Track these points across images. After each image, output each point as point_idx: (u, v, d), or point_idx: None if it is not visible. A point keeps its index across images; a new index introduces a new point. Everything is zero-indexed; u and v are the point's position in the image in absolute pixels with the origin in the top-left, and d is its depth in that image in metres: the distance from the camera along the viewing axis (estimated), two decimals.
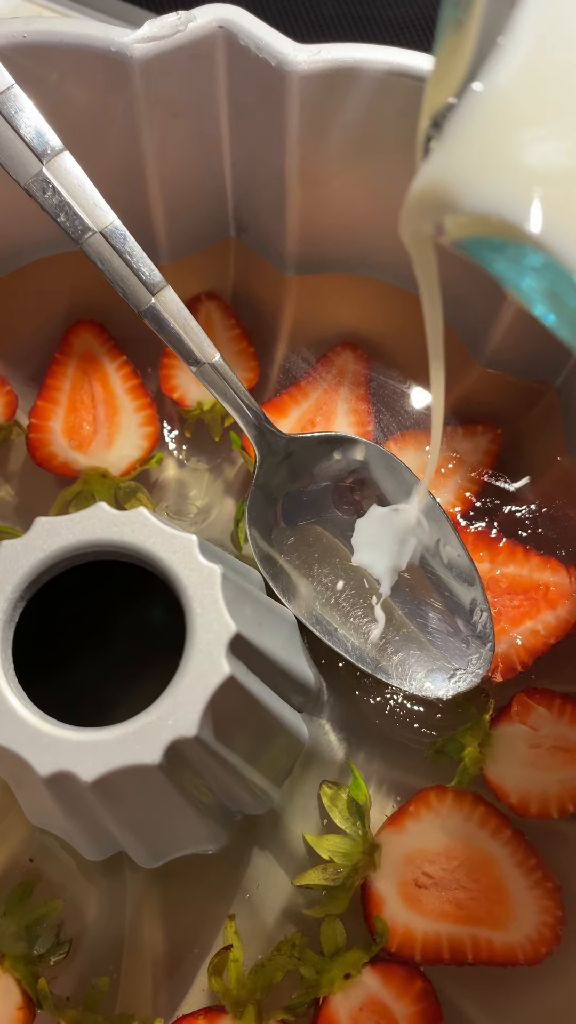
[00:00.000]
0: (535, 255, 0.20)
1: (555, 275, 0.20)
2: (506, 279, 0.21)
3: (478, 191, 0.21)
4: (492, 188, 0.20)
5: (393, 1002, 0.34)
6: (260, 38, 0.35)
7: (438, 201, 0.21)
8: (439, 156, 0.22)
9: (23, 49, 0.36)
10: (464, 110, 0.22)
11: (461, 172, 0.21)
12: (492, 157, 0.21)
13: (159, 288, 0.35)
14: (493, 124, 0.21)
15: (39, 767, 0.24)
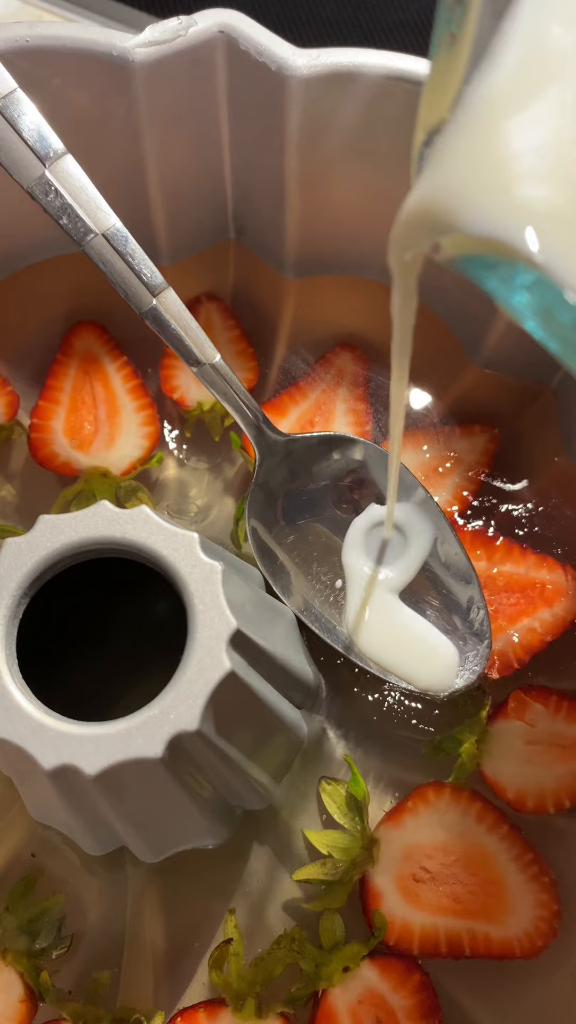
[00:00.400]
0: (527, 273, 0.20)
1: (547, 293, 0.20)
2: (498, 296, 0.21)
3: (477, 212, 0.21)
4: (491, 209, 0.20)
5: (391, 994, 0.34)
6: (260, 42, 0.36)
7: (436, 221, 0.21)
8: (434, 174, 0.22)
9: (26, 53, 0.36)
10: (457, 126, 0.22)
11: (459, 192, 0.21)
12: (488, 177, 0.21)
13: (160, 289, 0.35)
14: (487, 142, 0.21)
15: (43, 761, 0.25)
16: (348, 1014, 0.34)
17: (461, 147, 0.22)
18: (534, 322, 0.21)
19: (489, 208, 0.20)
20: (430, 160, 0.23)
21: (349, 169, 0.39)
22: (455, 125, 0.22)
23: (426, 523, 0.38)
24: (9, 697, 0.26)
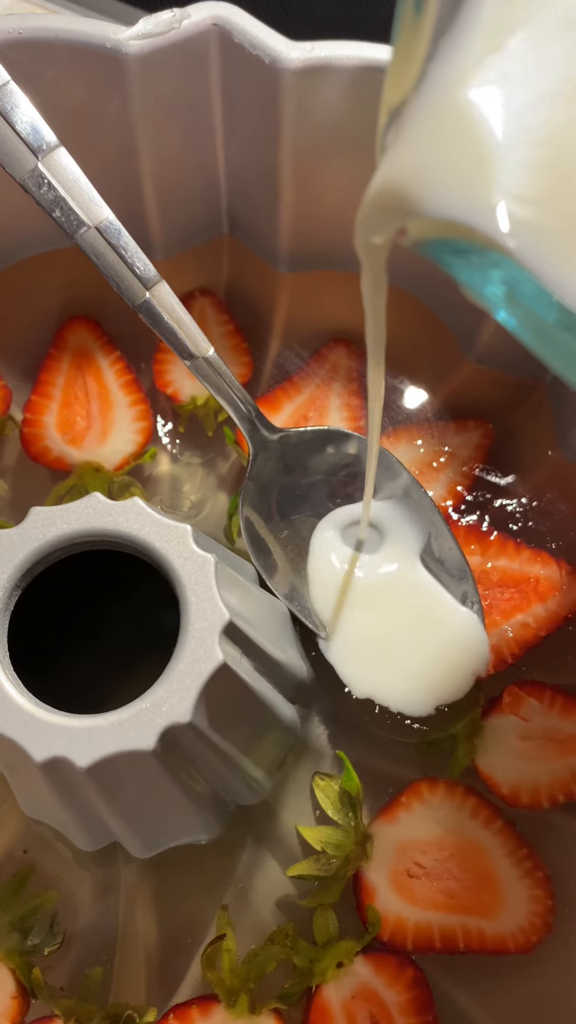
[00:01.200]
0: (499, 260, 0.20)
1: (521, 282, 0.20)
2: (469, 284, 0.21)
3: (441, 194, 0.20)
4: (455, 191, 0.20)
5: (385, 990, 0.34)
6: (254, 35, 0.36)
7: (399, 204, 0.21)
8: (395, 156, 0.21)
9: (19, 45, 0.36)
10: (419, 106, 0.21)
11: (422, 173, 0.20)
12: (453, 158, 0.20)
13: (153, 283, 0.35)
14: (451, 121, 0.21)
15: (34, 753, 0.25)
16: (342, 1010, 0.34)
17: (423, 127, 0.21)
18: (507, 312, 0.20)
19: (455, 191, 0.20)
20: (393, 141, 0.22)
21: (343, 163, 0.39)
22: (417, 105, 0.21)
23: (418, 518, 0.38)
24: (1, 690, 0.25)
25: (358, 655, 0.37)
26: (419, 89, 0.22)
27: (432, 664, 0.37)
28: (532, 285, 0.19)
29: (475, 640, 0.37)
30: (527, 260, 0.19)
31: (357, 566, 0.38)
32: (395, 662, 0.37)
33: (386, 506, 0.39)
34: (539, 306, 0.20)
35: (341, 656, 0.37)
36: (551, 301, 0.19)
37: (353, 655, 0.37)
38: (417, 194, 0.20)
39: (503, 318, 0.21)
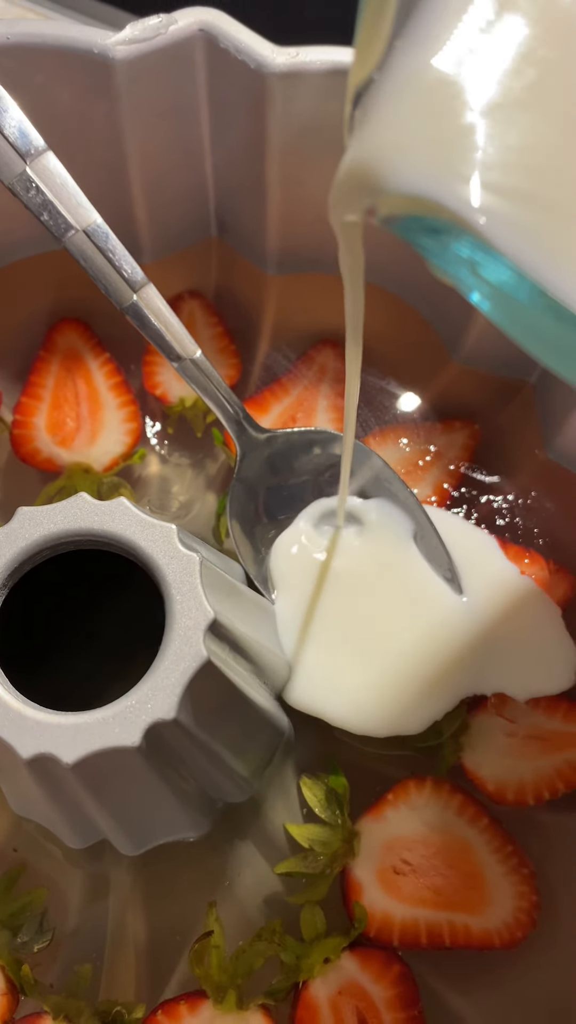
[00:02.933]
0: (468, 238, 0.19)
1: (490, 261, 0.19)
2: (441, 266, 0.21)
3: (407, 170, 0.20)
4: (422, 166, 0.20)
5: (371, 985, 0.35)
6: (240, 40, 0.36)
7: (366, 181, 0.21)
8: (362, 133, 0.21)
9: (7, 50, 0.36)
10: (387, 81, 0.21)
11: (388, 149, 0.20)
12: (420, 132, 0.20)
13: (141, 285, 0.35)
14: (419, 95, 0.20)
15: (21, 750, 0.25)
16: (328, 1005, 0.34)
17: (389, 103, 0.21)
18: (479, 294, 0.20)
19: (422, 166, 0.20)
20: (360, 119, 0.22)
21: (330, 166, 0.39)
22: (383, 81, 0.21)
23: (402, 516, 0.39)
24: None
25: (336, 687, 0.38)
26: (385, 65, 0.22)
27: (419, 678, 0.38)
28: (502, 264, 0.19)
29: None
30: (496, 238, 0.19)
31: (336, 556, 0.39)
32: (382, 685, 0.38)
33: (369, 504, 0.39)
34: (511, 287, 0.20)
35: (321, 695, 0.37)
36: (523, 281, 0.19)
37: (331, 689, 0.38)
38: (383, 170, 0.20)
39: (476, 300, 0.21)
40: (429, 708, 0.38)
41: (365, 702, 0.37)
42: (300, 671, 0.37)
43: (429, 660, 0.38)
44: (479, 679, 0.38)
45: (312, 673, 0.37)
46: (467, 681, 0.38)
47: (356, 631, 0.38)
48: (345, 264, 0.26)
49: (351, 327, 0.28)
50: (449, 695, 0.38)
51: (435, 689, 0.38)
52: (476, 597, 0.39)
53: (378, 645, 0.38)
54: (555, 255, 0.19)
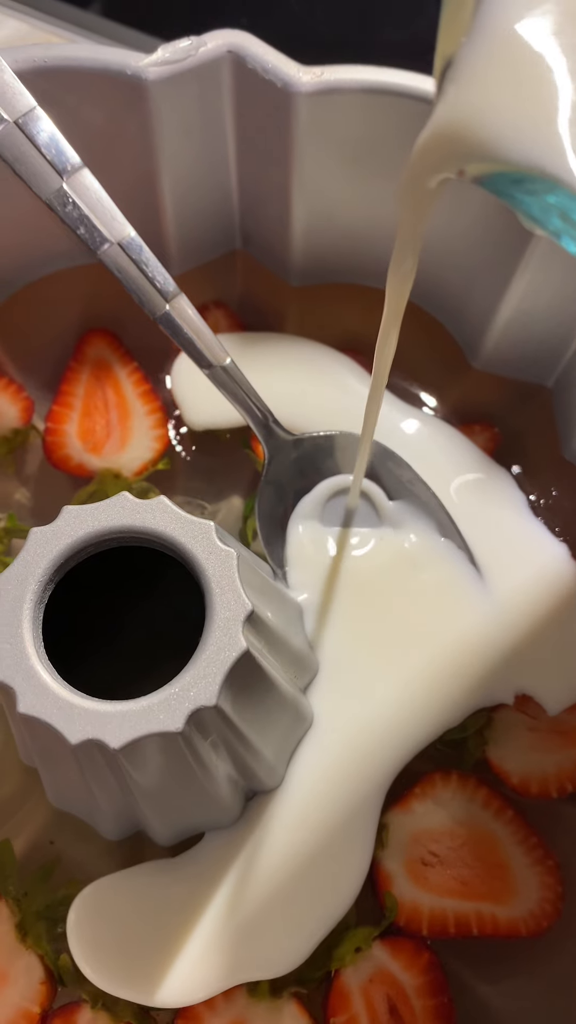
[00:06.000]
0: (554, 187, 0.20)
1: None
2: (532, 215, 0.21)
3: (510, 138, 0.20)
4: (524, 135, 0.20)
5: (401, 973, 0.36)
6: (267, 61, 0.38)
7: (464, 148, 0.21)
8: (457, 99, 0.21)
9: (43, 72, 0.38)
10: (475, 47, 0.21)
11: (487, 117, 0.20)
12: (512, 100, 0.20)
13: (173, 296, 0.36)
14: (511, 63, 0.21)
15: (69, 736, 0.26)
16: (360, 993, 0.35)
17: (482, 71, 0.21)
18: (569, 237, 0.21)
19: (523, 135, 0.20)
20: (450, 84, 0.22)
21: (351, 180, 0.41)
22: (473, 49, 0.21)
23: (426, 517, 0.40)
24: (37, 677, 0.27)
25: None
26: (473, 34, 0.22)
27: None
28: None
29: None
30: None
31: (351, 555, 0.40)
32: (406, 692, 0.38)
33: (393, 506, 0.40)
34: None
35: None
36: None
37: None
38: (485, 137, 0.20)
39: (566, 243, 0.21)
40: (450, 718, 0.38)
41: (389, 704, 0.38)
42: (325, 670, 0.38)
43: (453, 672, 0.39)
44: (506, 689, 0.39)
45: (337, 674, 0.38)
46: (492, 693, 0.39)
47: (380, 633, 0.39)
48: (406, 232, 0.26)
49: (393, 287, 0.29)
50: (473, 705, 0.39)
51: (457, 702, 0.38)
52: (504, 598, 0.40)
53: (403, 650, 0.39)
54: None
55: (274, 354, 0.45)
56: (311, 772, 0.36)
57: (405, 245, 0.26)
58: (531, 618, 0.39)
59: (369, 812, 0.36)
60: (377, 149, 0.39)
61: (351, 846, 0.36)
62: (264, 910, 0.35)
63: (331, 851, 0.36)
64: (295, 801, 0.36)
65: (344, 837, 0.36)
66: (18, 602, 0.28)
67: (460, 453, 0.43)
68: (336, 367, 0.45)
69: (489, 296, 0.42)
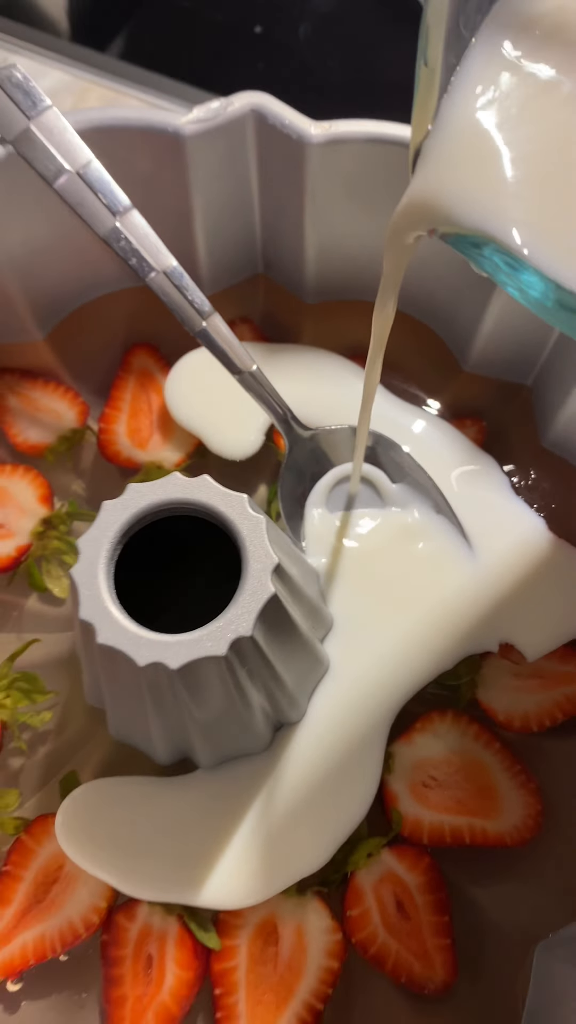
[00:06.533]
0: (505, 254, 0.25)
1: (523, 269, 0.25)
2: (486, 271, 0.26)
3: (466, 209, 0.25)
4: (477, 207, 0.25)
5: (406, 874, 0.42)
6: (284, 117, 0.45)
7: (431, 215, 0.26)
8: (425, 175, 0.26)
9: (100, 130, 0.44)
10: (439, 132, 0.26)
11: (448, 191, 0.26)
12: (472, 178, 0.26)
13: (208, 314, 0.43)
14: (467, 148, 0.26)
15: (138, 659, 0.33)
16: (372, 891, 0.42)
17: (444, 154, 0.26)
18: (514, 291, 0.26)
19: (477, 206, 0.25)
20: (421, 165, 0.27)
21: (355, 214, 0.48)
22: (436, 137, 0.26)
23: (423, 496, 0.47)
24: (112, 616, 0.34)
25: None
26: (437, 125, 0.27)
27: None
28: (529, 269, 0.25)
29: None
30: (533, 260, 0.24)
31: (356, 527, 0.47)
32: (406, 644, 0.45)
33: (396, 488, 0.47)
34: (534, 284, 0.25)
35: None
36: (548, 283, 0.25)
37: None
38: (446, 207, 0.25)
39: (510, 291, 0.26)
40: (445, 663, 0.45)
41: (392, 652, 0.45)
42: (338, 624, 0.45)
43: (445, 625, 0.45)
44: (492, 638, 0.46)
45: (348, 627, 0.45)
46: (479, 642, 0.45)
47: (385, 593, 0.46)
48: (388, 275, 0.32)
49: (379, 319, 0.35)
50: (463, 652, 0.45)
51: (450, 650, 0.45)
52: (490, 563, 0.47)
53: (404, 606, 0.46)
54: (565, 264, 0.25)
55: (292, 361, 0.51)
56: (328, 708, 0.43)
57: (388, 287, 0.33)
58: (512, 579, 0.46)
59: (377, 741, 0.43)
60: (376, 188, 0.46)
61: (362, 769, 0.43)
62: (291, 821, 0.42)
63: (346, 773, 0.43)
64: (315, 732, 0.43)
65: (356, 762, 0.43)
66: (95, 559, 0.35)
67: (453, 444, 0.50)
68: (345, 372, 0.51)
69: (474, 310, 0.48)
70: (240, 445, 0.49)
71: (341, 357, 0.52)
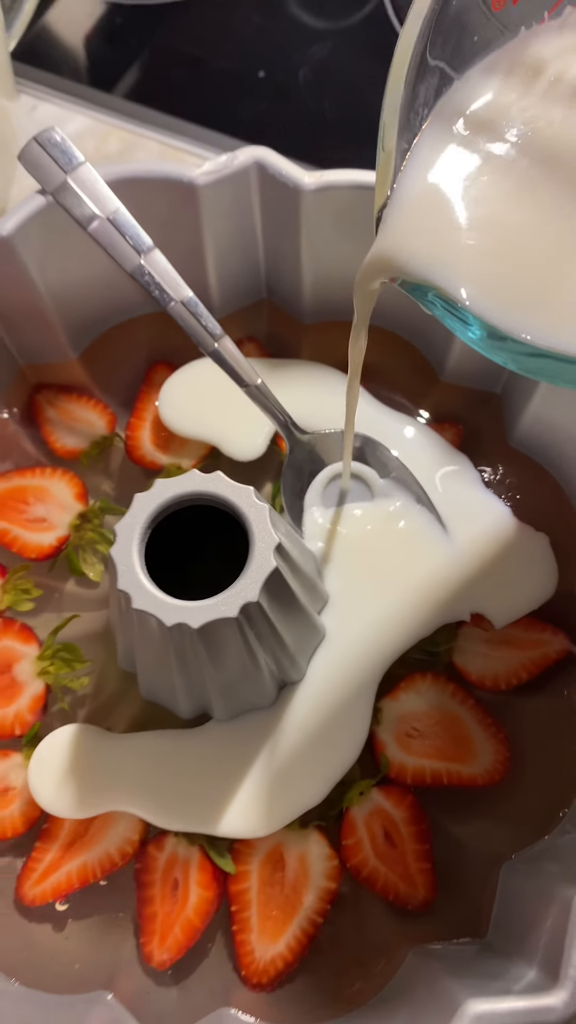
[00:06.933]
0: (449, 302, 0.31)
1: (464, 314, 0.31)
2: (436, 316, 0.31)
3: (419, 262, 0.31)
4: (427, 261, 0.31)
5: (392, 809, 0.50)
6: (282, 168, 0.52)
7: (389, 268, 0.33)
8: (384, 235, 0.32)
9: (125, 180, 0.52)
10: (396, 199, 0.32)
11: (401, 248, 0.32)
12: (425, 236, 0.32)
13: (219, 337, 0.51)
14: (420, 211, 0.32)
15: (167, 620, 0.41)
16: (363, 823, 0.49)
17: (401, 216, 0.31)
18: (457, 331, 0.32)
19: (427, 260, 0.31)
20: (383, 226, 0.32)
21: (344, 247, 0.54)
22: (395, 201, 0.32)
23: (406, 491, 0.55)
24: (144, 587, 0.41)
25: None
26: (393, 196, 0.32)
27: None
28: (470, 315, 0.30)
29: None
30: (476, 308, 0.30)
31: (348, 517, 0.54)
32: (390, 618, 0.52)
33: (383, 483, 0.55)
34: (471, 323, 0.30)
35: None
36: (476, 320, 0.31)
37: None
38: (401, 262, 0.31)
39: (455, 332, 0.32)
40: (424, 631, 0.52)
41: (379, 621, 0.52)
42: (332, 599, 0.53)
43: (424, 598, 0.53)
44: (465, 608, 0.53)
45: (342, 601, 0.53)
46: (454, 612, 0.53)
47: (372, 572, 0.53)
48: (359, 313, 0.40)
49: (354, 350, 0.42)
50: (440, 621, 0.52)
51: (429, 619, 0.53)
52: (463, 546, 0.54)
53: (389, 583, 0.53)
54: (505, 314, 0.30)
55: (292, 375, 0.57)
56: (324, 669, 0.51)
57: (359, 323, 0.40)
58: (482, 559, 0.53)
59: (366, 698, 0.51)
60: (361, 225, 0.51)
61: (354, 721, 0.50)
62: (294, 763, 0.49)
63: (340, 724, 0.50)
64: (313, 689, 0.51)
65: (349, 715, 0.50)
66: (129, 540, 0.43)
67: (433, 445, 0.57)
68: (338, 383, 0.57)
69: (448, 331, 0.56)
70: (248, 448, 0.56)
71: (335, 370, 0.58)
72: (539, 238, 0.31)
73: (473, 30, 0.35)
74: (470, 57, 0.35)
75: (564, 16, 0.36)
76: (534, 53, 0.36)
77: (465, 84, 0.35)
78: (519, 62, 0.36)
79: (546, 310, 0.30)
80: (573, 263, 0.31)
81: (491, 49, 0.36)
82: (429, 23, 0.33)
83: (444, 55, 0.34)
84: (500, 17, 0.36)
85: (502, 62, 0.36)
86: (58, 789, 0.48)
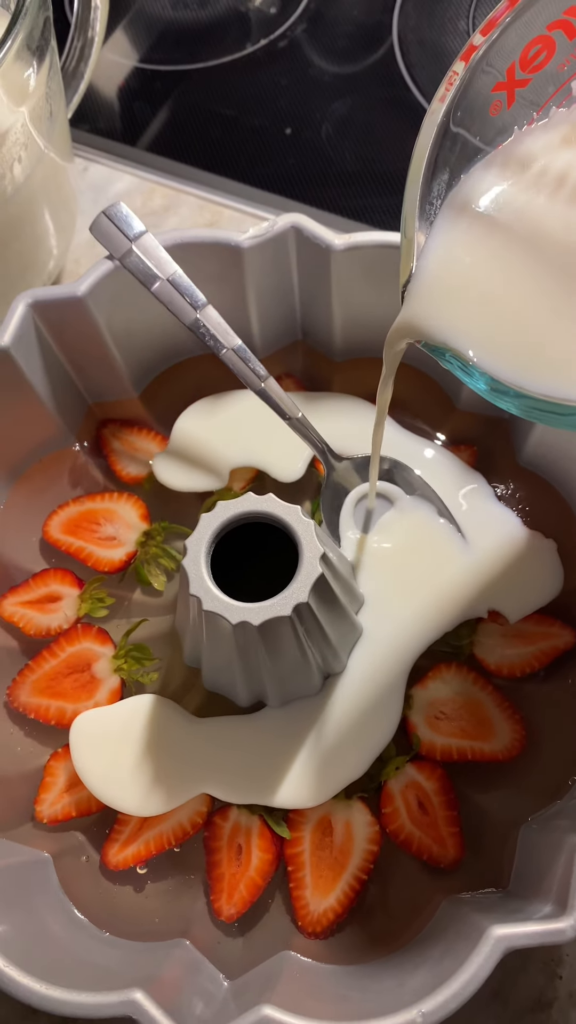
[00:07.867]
0: (463, 362, 0.40)
1: (474, 371, 0.38)
2: (455, 373, 0.37)
3: (437, 329, 0.39)
4: (445, 328, 0.39)
5: (425, 781, 0.57)
6: (316, 232, 0.59)
7: (414, 333, 0.41)
8: (410, 305, 0.39)
9: (180, 246, 0.60)
10: (419, 273, 0.38)
11: (425, 317, 0.40)
12: (440, 308, 0.40)
13: (265, 378, 0.58)
14: (439, 285, 0.40)
15: (232, 619, 0.49)
16: (400, 794, 0.57)
17: (421, 289, 0.40)
18: (471, 384, 0.39)
19: (444, 328, 0.40)
20: (408, 298, 0.39)
21: (370, 296, 0.61)
22: (418, 273, 0.38)
23: (431, 509, 0.62)
24: (212, 592, 0.50)
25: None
26: (415, 274, 0.38)
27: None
28: (478, 372, 0.38)
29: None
30: (482, 365, 0.36)
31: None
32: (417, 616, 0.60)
33: (408, 500, 0.63)
34: (479, 379, 0.36)
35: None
36: (485, 376, 0.38)
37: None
38: (424, 328, 0.37)
39: (464, 380, 0.39)
40: (448, 627, 0.60)
41: (408, 620, 0.60)
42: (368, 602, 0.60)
43: (447, 598, 0.60)
44: (483, 606, 0.61)
45: (375, 604, 0.61)
46: (473, 610, 0.60)
47: (401, 577, 0.61)
48: (387, 368, 0.47)
49: (381, 397, 0.50)
50: (461, 617, 0.60)
51: (452, 617, 0.60)
52: (480, 552, 0.62)
53: (416, 587, 0.61)
54: (504, 370, 0.37)
55: (327, 406, 0.63)
56: (362, 661, 0.59)
57: (387, 377, 0.48)
58: (497, 563, 0.61)
59: (399, 686, 0.58)
60: (385, 277, 0.59)
61: (389, 706, 0.58)
62: (338, 743, 0.57)
63: (377, 709, 0.58)
64: (353, 679, 0.58)
65: (385, 700, 0.58)
66: (198, 552, 0.51)
67: (451, 465, 0.65)
68: (368, 413, 0.64)
69: None
70: (290, 471, 0.64)
71: (364, 401, 0.64)
72: (532, 308, 0.39)
73: (476, 134, 0.44)
74: (473, 156, 0.44)
75: (551, 116, 0.45)
76: (525, 149, 0.44)
77: (469, 179, 0.43)
78: (513, 157, 0.44)
79: (538, 366, 0.38)
80: (560, 327, 0.39)
81: (492, 147, 0.44)
82: (440, 134, 0.42)
83: (451, 159, 0.42)
84: (496, 122, 0.44)
85: (498, 158, 0.44)
86: (144, 799, 0.55)
